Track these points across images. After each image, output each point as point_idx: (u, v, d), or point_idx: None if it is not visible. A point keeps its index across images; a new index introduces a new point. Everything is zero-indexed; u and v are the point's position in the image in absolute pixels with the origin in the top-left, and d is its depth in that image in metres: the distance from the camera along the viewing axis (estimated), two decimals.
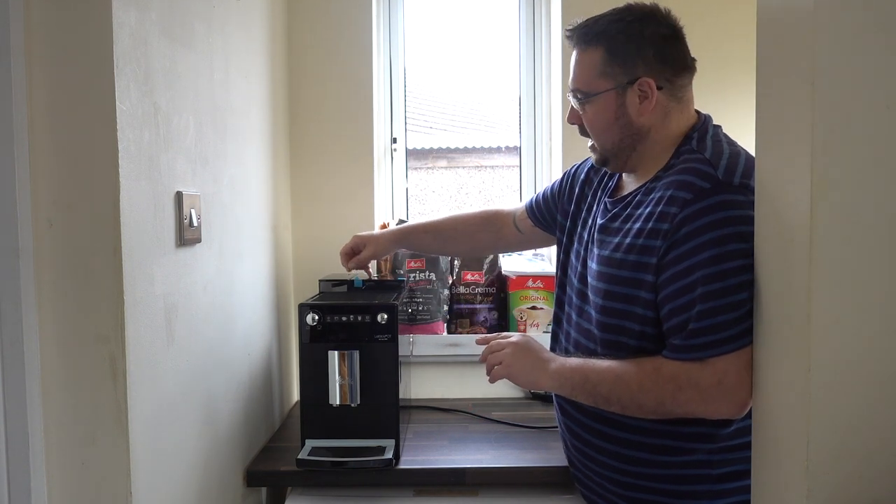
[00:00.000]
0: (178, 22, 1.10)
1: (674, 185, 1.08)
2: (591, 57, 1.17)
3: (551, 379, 1.16)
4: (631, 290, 1.11)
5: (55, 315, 0.90)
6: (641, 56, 1.13)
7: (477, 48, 2.24)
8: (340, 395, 1.35)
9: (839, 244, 0.74)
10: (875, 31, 0.72)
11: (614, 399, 1.09)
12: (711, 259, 1.01)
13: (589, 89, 1.17)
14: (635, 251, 1.11)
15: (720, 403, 1.02)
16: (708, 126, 1.18)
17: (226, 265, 1.32)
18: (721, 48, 1.78)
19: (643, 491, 1.15)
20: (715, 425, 1.09)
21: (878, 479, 0.74)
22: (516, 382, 1.24)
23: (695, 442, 1.10)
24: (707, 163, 1.08)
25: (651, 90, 1.13)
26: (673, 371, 1.04)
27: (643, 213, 1.12)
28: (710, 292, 1.00)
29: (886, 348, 0.74)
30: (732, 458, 1.10)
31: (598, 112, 1.18)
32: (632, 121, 1.16)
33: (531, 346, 1.22)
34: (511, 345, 1.22)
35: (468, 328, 1.94)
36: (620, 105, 1.16)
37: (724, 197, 1.02)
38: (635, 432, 1.13)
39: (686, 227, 1.04)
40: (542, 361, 1.18)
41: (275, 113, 1.74)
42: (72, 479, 0.92)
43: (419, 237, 1.61)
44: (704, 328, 1.01)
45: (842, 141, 0.73)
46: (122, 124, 0.91)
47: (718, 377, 1.01)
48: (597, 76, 1.16)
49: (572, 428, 1.25)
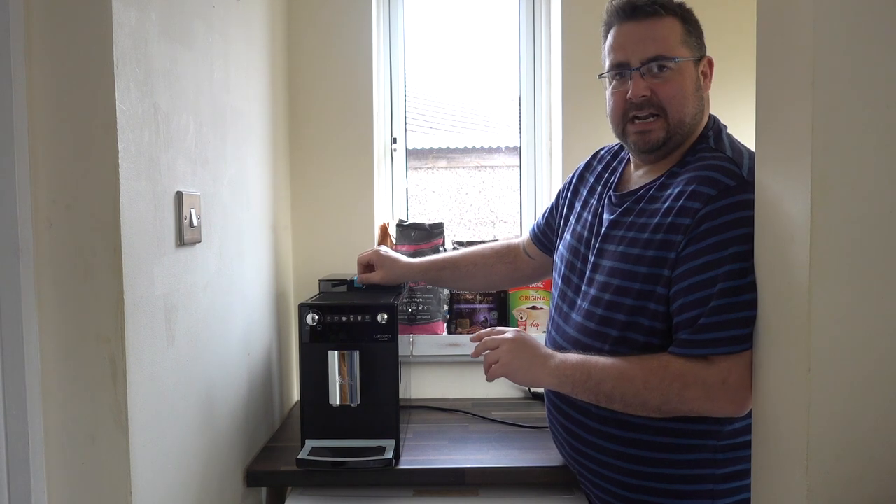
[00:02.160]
0: (177, 22, 1.10)
1: (696, 180, 1.08)
2: (671, 24, 1.15)
3: (551, 376, 1.14)
4: (647, 286, 1.10)
5: (55, 315, 0.90)
6: (702, 36, 1.16)
7: (477, 48, 2.24)
8: (340, 395, 1.35)
9: (839, 244, 0.74)
10: (875, 31, 0.72)
11: (617, 396, 1.08)
12: (735, 256, 1.01)
13: (676, 54, 1.14)
14: (654, 246, 1.10)
15: (724, 402, 1.03)
16: (720, 126, 1.19)
17: (226, 265, 1.32)
18: (721, 48, 1.78)
19: (648, 493, 1.15)
20: (718, 422, 1.09)
21: (878, 479, 0.74)
22: (514, 381, 1.20)
23: (700, 439, 1.10)
24: (731, 161, 1.08)
25: (711, 71, 1.16)
26: (680, 369, 1.04)
27: (661, 207, 1.11)
28: (727, 290, 1.01)
29: (886, 348, 0.74)
30: (736, 456, 1.10)
31: (681, 79, 1.14)
32: (703, 96, 1.16)
33: (528, 342, 1.18)
34: (507, 342, 1.18)
35: (468, 328, 1.94)
36: (697, 78, 1.16)
37: (750, 196, 1.01)
38: (638, 430, 1.13)
39: (708, 222, 1.04)
40: (540, 358, 1.15)
41: (275, 113, 1.74)
42: (72, 479, 0.92)
43: (437, 274, 1.58)
44: (714, 324, 1.01)
45: (842, 141, 0.73)
46: (122, 124, 0.91)
47: (723, 376, 1.02)
48: (680, 44, 1.14)
49: (570, 429, 1.23)
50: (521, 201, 2.15)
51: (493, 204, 2.37)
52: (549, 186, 2.09)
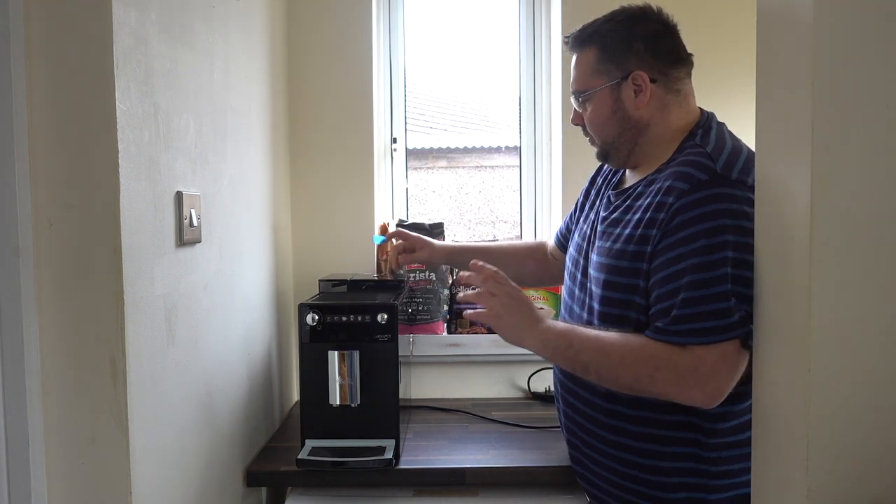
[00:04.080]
0: (178, 22, 1.10)
1: (672, 175, 1.11)
2: (586, 57, 1.23)
3: (535, 339, 1.14)
4: (631, 280, 1.13)
5: (55, 315, 0.90)
6: (632, 51, 1.18)
7: (477, 48, 2.24)
8: (340, 395, 1.35)
9: (839, 243, 0.74)
10: (875, 31, 0.72)
11: (592, 369, 1.10)
12: (702, 249, 1.03)
13: (586, 87, 1.22)
14: (634, 241, 1.13)
15: (694, 390, 1.04)
16: (712, 122, 1.20)
17: (226, 265, 1.32)
18: (721, 48, 1.78)
19: (633, 481, 1.16)
20: (699, 416, 1.11)
21: (878, 479, 0.74)
22: (499, 334, 1.17)
23: (682, 431, 1.12)
24: (707, 156, 1.10)
25: (645, 83, 1.18)
26: (656, 350, 1.06)
27: (643, 203, 1.15)
28: (696, 282, 1.03)
29: (886, 348, 0.74)
30: (731, 455, 1.11)
31: (596, 108, 1.22)
32: (629, 114, 1.20)
33: (524, 301, 1.17)
34: (506, 295, 1.17)
35: (468, 328, 1.94)
36: (616, 100, 1.20)
37: (720, 190, 1.05)
38: (643, 424, 1.14)
39: (680, 216, 1.06)
40: (531, 319, 1.15)
41: (275, 113, 1.74)
42: (72, 479, 0.92)
43: (471, 257, 1.56)
44: (687, 316, 1.03)
45: (842, 141, 0.73)
46: (122, 124, 0.91)
47: (695, 364, 1.03)
48: (592, 74, 1.22)
49: (578, 420, 1.25)
50: (521, 201, 2.15)
51: (492, 204, 2.37)
52: (549, 187, 2.09)
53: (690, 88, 1.22)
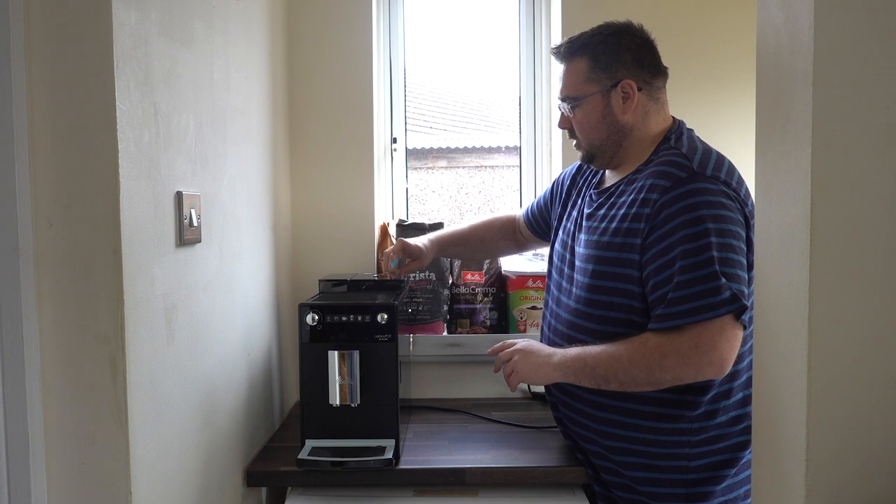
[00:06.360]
0: (178, 22, 1.10)
1: (654, 174, 1.24)
2: (577, 66, 1.34)
3: (556, 371, 1.29)
4: (619, 269, 1.25)
5: (55, 315, 0.90)
6: (621, 61, 1.31)
7: (477, 48, 2.24)
8: (340, 395, 1.35)
9: (839, 243, 0.74)
10: (875, 31, 0.72)
11: (612, 377, 1.21)
12: (687, 237, 1.17)
13: (578, 94, 1.34)
14: (621, 234, 1.26)
15: (700, 364, 1.15)
16: (683, 128, 1.34)
17: (226, 265, 1.32)
18: (721, 48, 1.78)
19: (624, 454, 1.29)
20: (693, 392, 1.23)
21: (878, 479, 0.74)
22: (530, 382, 1.38)
23: (679, 409, 1.24)
24: (683, 156, 1.24)
25: (632, 90, 1.30)
26: (657, 341, 1.18)
27: (627, 200, 1.28)
28: (686, 266, 1.16)
29: (886, 348, 0.74)
30: (707, 426, 1.24)
31: (587, 113, 1.34)
32: (617, 119, 1.32)
33: (533, 347, 1.35)
34: (516, 352, 1.35)
35: (468, 328, 1.94)
36: (606, 106, 1.32)
37: (698, 185, 1.19)
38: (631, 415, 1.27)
39: (665, 210, 1.19)
40: (546, 357, 1.31)
41: (275, 113, 1.74)
42: (72, 479, 0.92)
43: (453, 249, 1.76)
44: (681, 297, 1.15)
45: (842, 140, 0.73)
46: (122, 124, 0.91)
47: (695, 340, 1.15)
48: (584, 82, 1.33)
49: (573, 417, 1.37)
50: (520, 201, 2.15)
51: (493, 204, 2.38)
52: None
53: (666, 98, 1.36)
